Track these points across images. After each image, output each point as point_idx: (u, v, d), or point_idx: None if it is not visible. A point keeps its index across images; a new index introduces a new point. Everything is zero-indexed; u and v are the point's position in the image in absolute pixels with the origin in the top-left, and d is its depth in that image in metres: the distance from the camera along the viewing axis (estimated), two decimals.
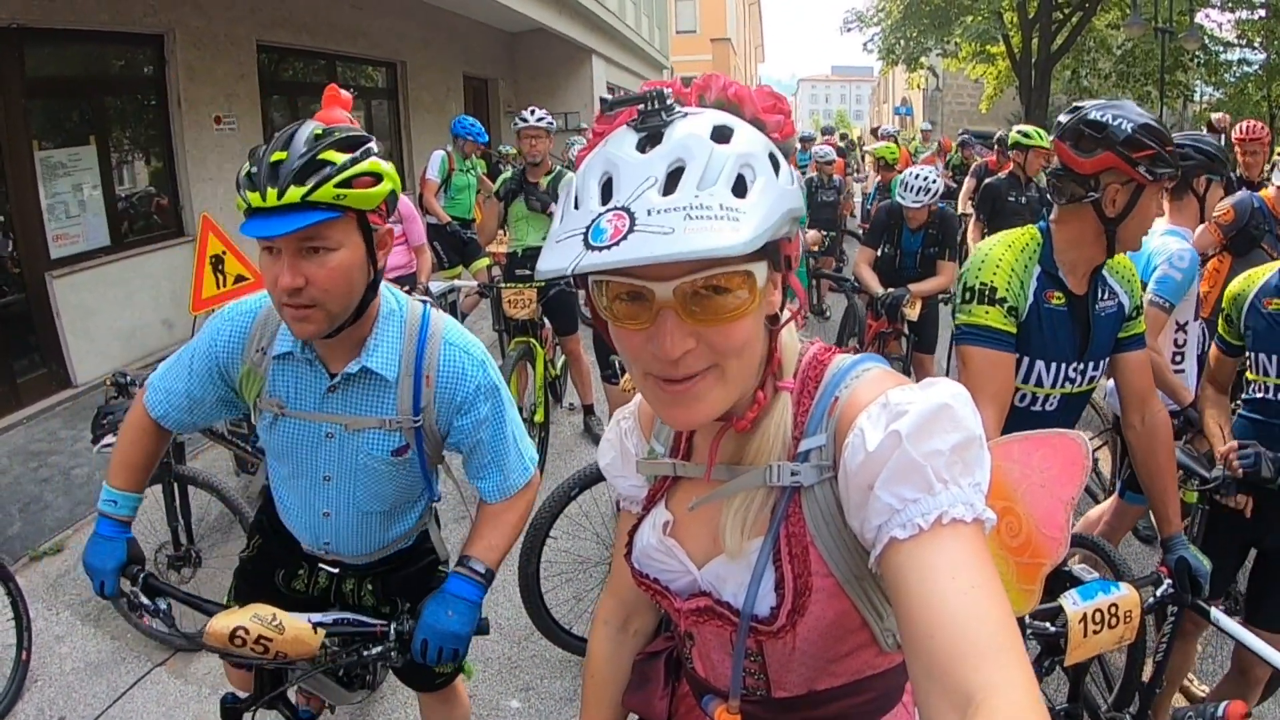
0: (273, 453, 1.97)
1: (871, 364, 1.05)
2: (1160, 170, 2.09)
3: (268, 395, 1.86)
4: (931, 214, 5.40)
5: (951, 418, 0.89)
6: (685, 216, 0.80)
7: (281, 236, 1.55)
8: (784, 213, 0.86)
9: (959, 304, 2.28)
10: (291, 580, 2.13)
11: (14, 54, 6.28)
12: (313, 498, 1.95)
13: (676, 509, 1.16)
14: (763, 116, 0.95)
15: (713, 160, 0.84)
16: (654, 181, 0.83)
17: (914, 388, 0.94)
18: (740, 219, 0.80)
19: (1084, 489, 1.36)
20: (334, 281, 1.62)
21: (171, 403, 1.96)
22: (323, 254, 1.60)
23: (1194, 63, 23.34)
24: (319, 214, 1.56)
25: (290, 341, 1.80)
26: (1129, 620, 1.88)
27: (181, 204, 8.07)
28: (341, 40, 10.80)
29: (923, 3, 25.09)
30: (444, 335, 1.87)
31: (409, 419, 1.84)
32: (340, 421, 1.84)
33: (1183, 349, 3.43)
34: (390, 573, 2.12)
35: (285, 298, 1.60)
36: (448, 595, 1.85)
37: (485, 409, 1.90)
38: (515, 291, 5.07)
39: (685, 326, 0.88)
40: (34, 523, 4.72)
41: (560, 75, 18.07)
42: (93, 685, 3.42)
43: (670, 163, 0.84)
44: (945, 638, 0.78)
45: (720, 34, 39.80)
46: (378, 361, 1.79)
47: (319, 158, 1.57)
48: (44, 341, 6.62)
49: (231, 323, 1.89)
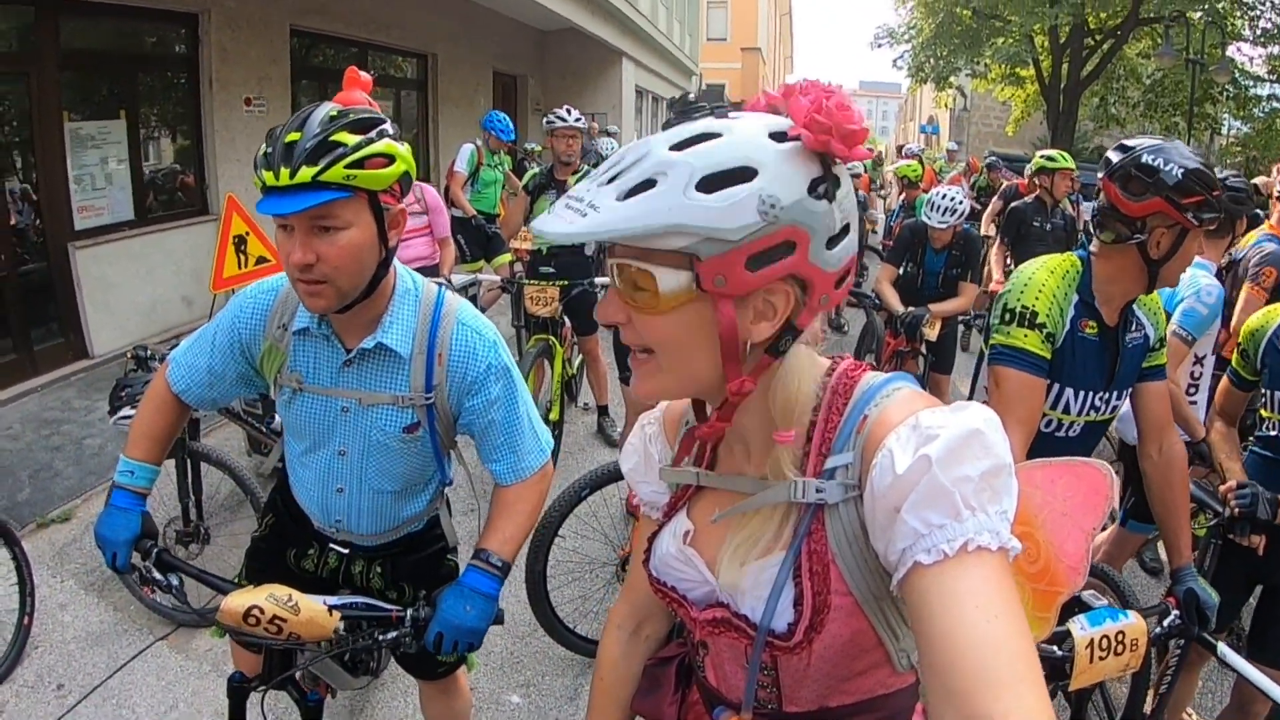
0: (290, 428, 2.00)
1: (902, 383, 1.03)
2: (1207, 216, 2.09)
3: (288, 370, 1.89)
4: (956, 235, 5.38)
5: (982, 444, 0.88)
6: (565, 204, 0.91)
7: (293, 214, 1.59)
8: (662, 224, 0.85)
9: (997, 324, 2.28)
10: (301, 560, 2.14)
11: (49, 26, 6.33)
12: (327, 473, 1.97)
13: (698, 518, 1.15)
14: (792, 131, 0.92)
15: (642, 161, 0.90)
16: (600, 175, 0.92)
17: (945, 410, 0.93)
18: (589, 214, 0.88)
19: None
20: (343, 259, 1.66)
21: (193, 378, 1.99)
22: (333, 232, 1.64)
23: (1223, 96, 23.24)
24: (329, 193, 1.60)
25: (308, 317, 1.84)
26: (1135, 648, 1.87)
27: (207, 183, 8.12)
28: (374, 29, 10.85)
29: (954, 22, 25.07)
30: (457, 315, 1.91)
31: (421, 396, 1.87)
32: (355, 396, 1.87)
33: (1198, 381, 3.43)
34: (399, 556, 2.13)
35: (297, 273, 1.65)
36: (465, 589, 1.84)
37: (496, 389, 1.92)
38: (538, 289, 5.08)
39: (618, 302, 0.97)
40: (43, 490, 4.75)
41: (590, 76, 18.09)
42: (93, 655, 3.43)
43: (620, 161, 0.92)
44: (966, 665, 0.78)
45: (751, 43, 39.75)
46: (392, 338, 1.82)
47: (331, 139, 1.60)
48: (63, 311, 6.67)
49: (255, 299, 1.93)
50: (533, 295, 5.08)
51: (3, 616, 3.39)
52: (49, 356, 6.53)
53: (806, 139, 0.90)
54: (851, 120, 0.90)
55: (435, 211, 5.48)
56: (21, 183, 6.39)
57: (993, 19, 23.88)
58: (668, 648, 1.38)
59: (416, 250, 5.40)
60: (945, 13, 25.09)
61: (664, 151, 0.89)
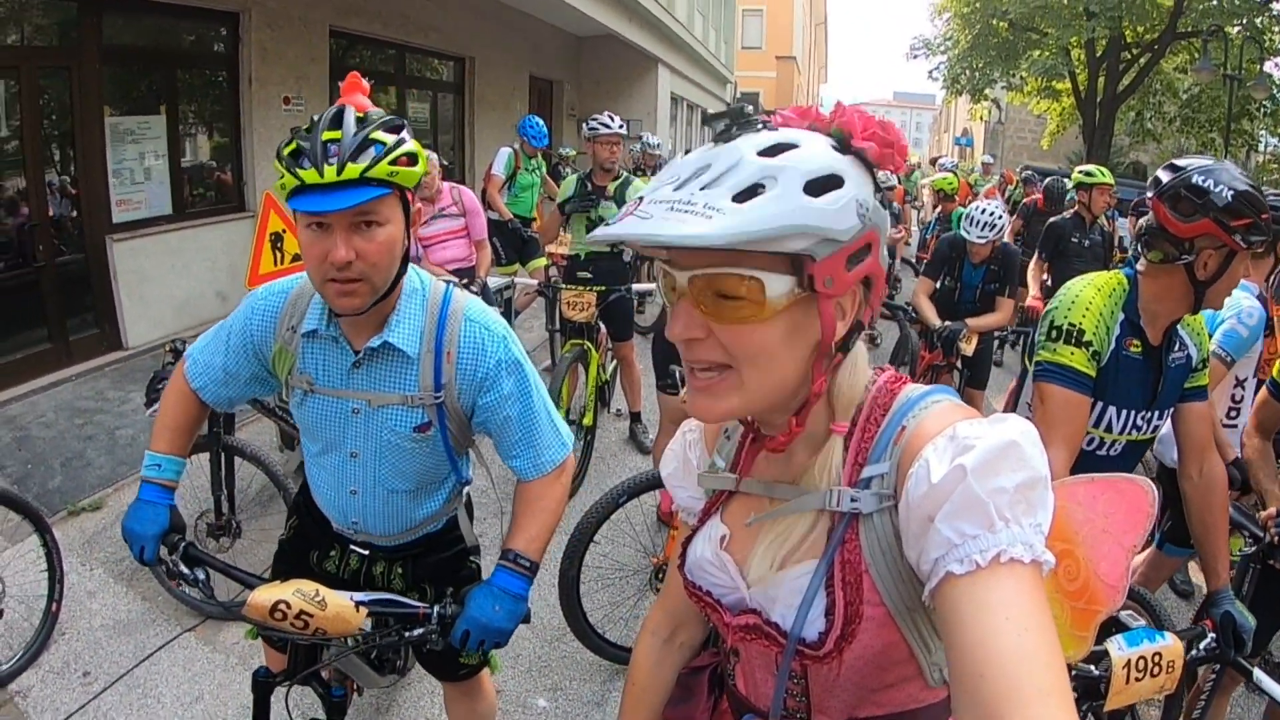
0: (304, 430, 2.00)
1: (942, 395, 1.04)
2: (1255, 239, 2.08)
3: (298, 372, 1.90)
4: (995, 249, 5.33)
5: (1019, 456, 0.87)
6: (669, 208, 0.85)
7: (337, 212, 1.60)
8: (790, 226, 0.85)
9: (1043, 340, 2.28)
10: (323, 561, 2.14)
11: (93, 21, 6.44)
12: (341, 475, 1.97)
13: (732, 524, 1.15)
14: (862, 143, 0.95)
15: (736, 168, 0.88)
16: (677, 178, 0.90)
17: (983, 422, 0.92)
18: (715, 217, 0.83)
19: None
20: (381, 255, 1.68)
21: (209, 375, 2.00)
22: (373, 228, 1.66)
23: (1260, 112, 22.95)
24: (375, 190, 1.62)
25: (316, 319, 1.85)
26: (1171, 671, 1.85)
27: (245, 180, 8.20)
28: (413, 32, 10.92)
29: (990, 34, 24.95)
30: (465, 312, 1.90)
31: (430, 395, 1.87)
32: (365, 397, 1.87)
33: (1239, 404, 3.38)
34: (420, 557, 2.13)
35: (335, 271, 1.64)
36: (495, 589, 1.84)
37: (509, 384, 1.91)
38: (575, 294, 5.07)
39: (695, 316, 0.93)
40: (75, 479, 4.81)
41: (625, 82, 18.12)
42: (120, 644, 3.46)
43: (698, 166, 0.90)
44: (994, 677, 0.77)
45: (786, 52, 39.73)
46: (399, 337, 1.83)
47: (371, 137, 1.63)
48: (99, 303, 6.76)
49: (265, 301, 1.93)
50: (569, 300, 5.07)
51: (31, 602, 3.43)
52: (84, 347, 6.62)
53: (873, 151, 0.94)
54: (900, 138, 0.97)
55: (472, 214, 5.50)
56: (61, 175, 6.49)
57: (1029, 31, 23.75)
58: (701, 656, 1.38)
59: (454, 252, 5.42)
60: (982, 24, 24.97)
61: (757, 157, 0.89)
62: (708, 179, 0.88)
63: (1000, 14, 24.06)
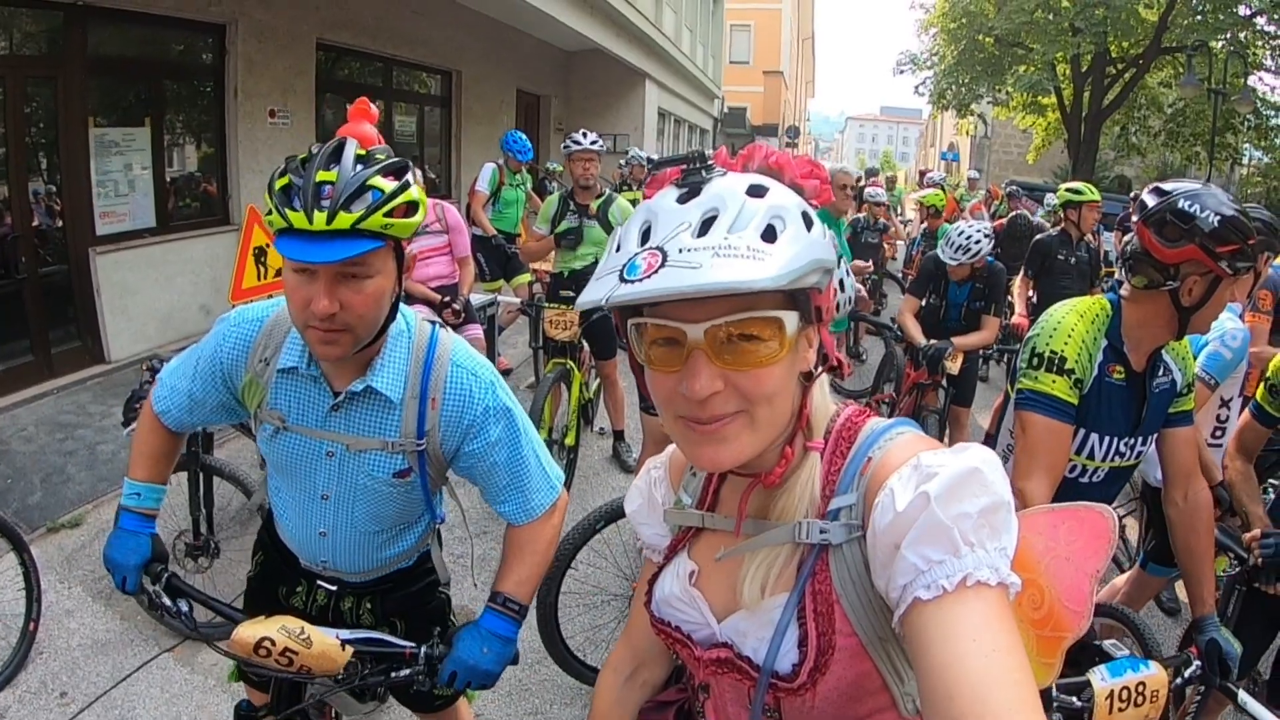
0: (273, 465, 1.93)
1: (905, 428, 1.06)
2: (1241, 265, 2.07)
3: (268, 407, 1.82)
4: (977, 270, 5.33)
5: (981, 482, 0.89)
6: (714, 254, 0.85)
7: (325, 264, 1.51)
8: (811, 261, 0.89)
9: (1025, 368, 2.27)
10: (290, 597, 2.07)
11: (78, 31, 6.41)
12: (310, 515, 1.89)
13: (700, 560, 1.15)
14: (800, 182, 1.01)
15: (745, 209, 0.90)
16: (688, 225, 0.90)
17: (946, 452, 0.94)
18: (766, 259, 0.85)
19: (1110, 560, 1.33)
20: (368, 307, 1.60)
21: (174, 400, 1.93)
22: (360, 280, 1.58)
23: (1244, 126, 23.16)
24: (367, 243, 1.53)
25: (296, 356, 1.76)
26: (1155, 700, 1.85)
27: (229, 193, 8.17)
28: (401, 45, 10.94)
29: (977, 49, 25.11)
30: (451, 357, 1.83)
31: (412, 441, 1.80)
32: (342, 441, 1.80)
33: (1224, 425, 3.39)
34: (389, 592, 2.06)
35: (316, 321, 1.56)
36: (483, 631, 1.81)
37: (496, 431, 1.85)
38: (558, 312, 5.06)
39: (714, 369, 0.92)
40: (55, 494, 4.76)
41: (613, 97, 18.19)
42: (98, 664, 3.42)
43: (705, 211, 0.91)
44: (965, 700, 0.78)
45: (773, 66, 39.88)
46: (383, 382, 1.75)
47: (369, 183, 1.54)
48: (82, 315, 6.71)
49: (237, 329, 1.85)
50: (552, 319, 5.06)
51: (8, 621, 3.40)
52: (66, 360, 6.57)
53: (819, 191, 1.02)
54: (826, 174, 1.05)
55: (456, 230, 5.48)
56: (45, 185, 6.45)
57: (1015, 47, 23.91)
58: (666, 692, 1.38)
59: (436, 269, 5.41)
60: (968, 40, 25.13)
61: (752, 198, 0.92)
62: (729, 222, 0.89)
63: (986, 30, 24.22)
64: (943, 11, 25.98)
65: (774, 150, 1.03)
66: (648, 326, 0.94)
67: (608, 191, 5.49)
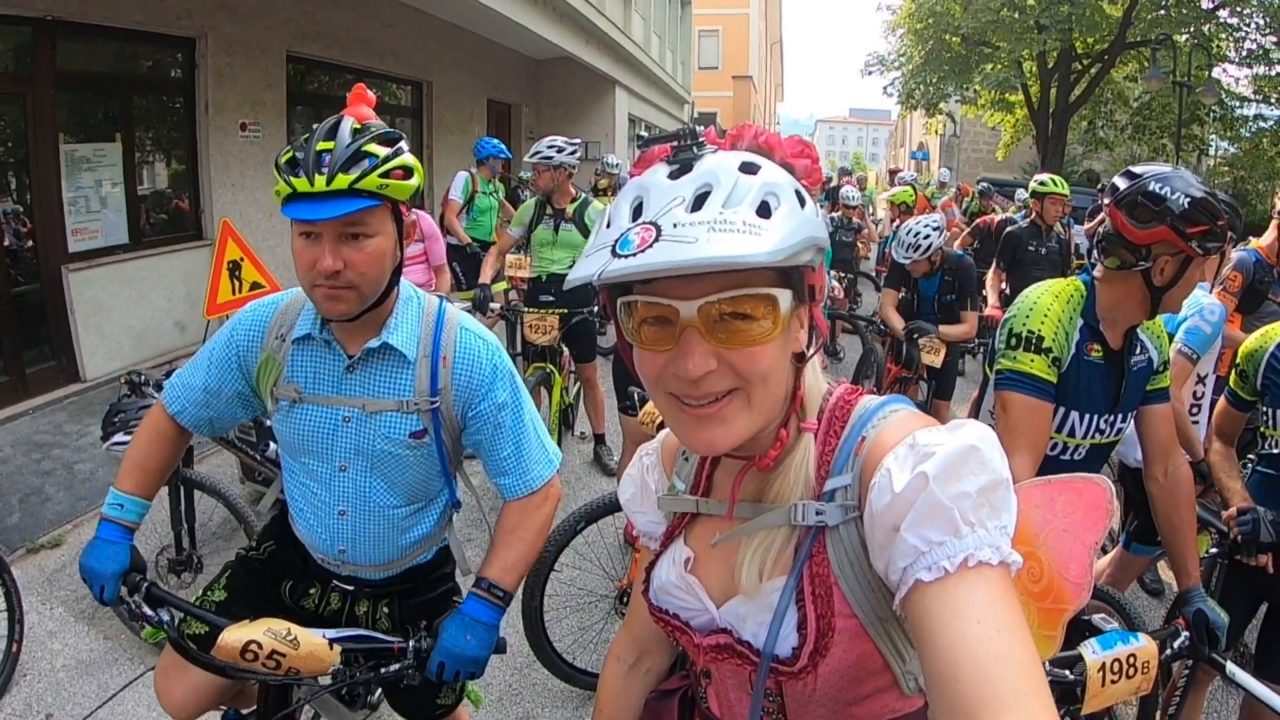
0: (288, 446, 1.97)
1: (899, 405, 1.05)
2: (1211, 245, 2.11)
3: (285, 381, 1.89)
4: (944, 261, 5.38)
5: (979, 460, 0.88)
6: (709, 229, 0.83)
7: (325, 221, 1.64)
8: (806, 238, 0.87)
9: (1003, 349, 2.30)
10: (301, 599, 2.08)
11: (46, 46, 6.35)
12: (329, 492, 1.93)
13: (696, 545, 1.15)
14: (791, 161, 1.00)
15: (739, 185, 0.89)
16: (682, 200, 0.88)
17: (942, 429, 0.93)
18: (762, 234, 0.84)
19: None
20: (370, 265, 1.71)
21: (189, 397, 1.98)
22: (361, 239, 1.70)
23: (1210, 117, 23.49)
24: (363, 201, 1.66)
25: (309, 324, 1.86)
26: (1147, 671, 1.87)
27: (202, 208, 8.11)
28: (370, 57, 10.90)
29: (944, 49, 25.30)
30: (460, 321, 1.94)
31: (426, 400, 1.87)
32: (358, 404, 1.86)
33: (1200, 400, 3.46)
34: (407, 594, 2.09)
35: (323, 279, 1.68)
36: (467, 618, 1.82)
37: (503, 393, 1.93)
38: (538, 317, 5.05)
39: (707, 347, 0.90)
40: (33, 515, 4.70)
41: (583, 104, 18.18)
42: (83, 684, 3.38)
43: (698, 186, 0.89)
44: (969, 682, 0.78)
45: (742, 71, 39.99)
46: (399, 339, 1.85)
47: (364, 149, 1.67)
48: (56, 334, 6.63)
49: (254, 311, 1.95)
50: (532, 323, 5.05)
51: None
52: (41, 379, 6.50)
53: (810, 171, 1.01)
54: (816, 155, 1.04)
55: (431, 239, 5.47)
56: (15, 204, 6.39)
57: (982, 46, 24.10)
58: (669, 681, 1.37)
59: (413, 277, 5.37)
60: (935, 40, 25.31)
61: (745, 175, 0.90)
62: (724, 197, 0.87)
63: (953, 29, 24.40)
64: (909, 12, 26.17)
65: (764, 130, 1.02)
66: (638, 305, 0.93)
67: (583, 195, 5.48)
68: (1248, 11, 21.63)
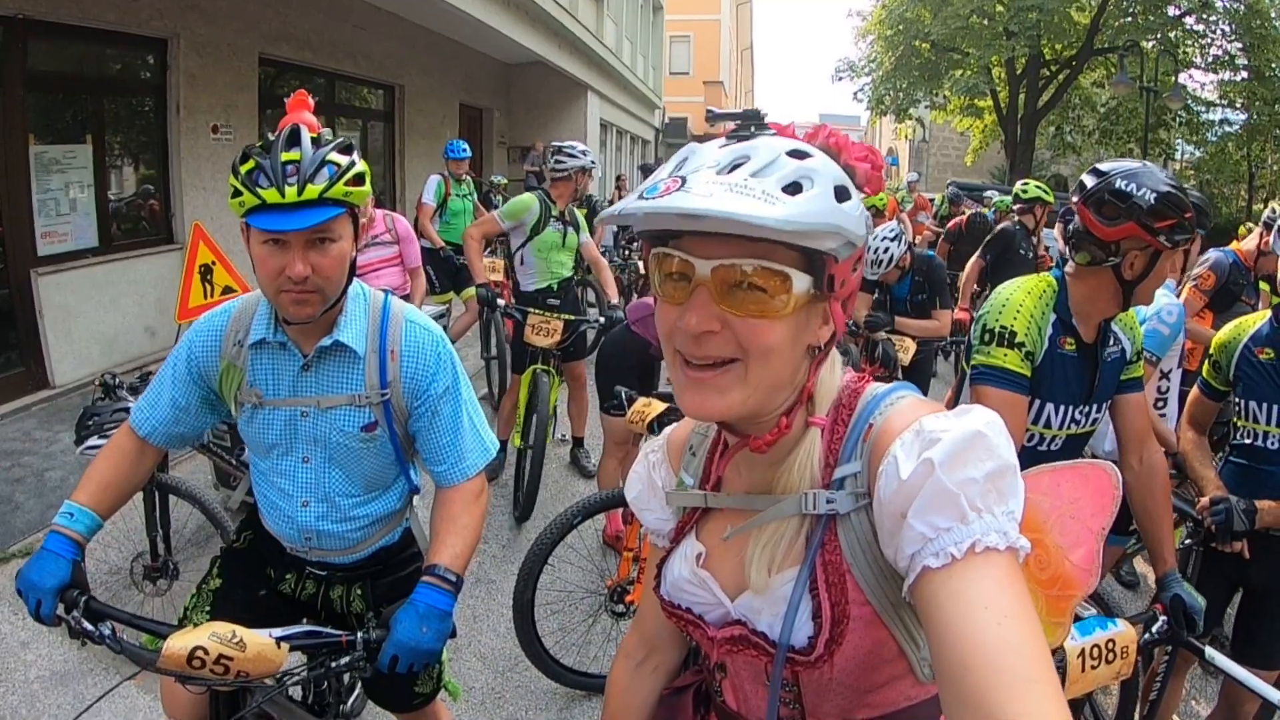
0: (254, 445, 2.01)
1: (905, 391, 1.05)
2: (1179, 238, 2.16)
3: (247, 386, 1.94)
4: (904, 269, 5.40)
5: (985, 446, 0.88)
6: (729, 189, 0.86)
7: (298, 231, 1.69)
8: (831, 224, 0.88)
9: (977, 345, 2.33)
10: (279, 584, 2.12)
11: (17, 45, 6.26)
12: (293, 487, 1.98)
13: (708, 540, 1.15)
14: (854, 164, 1.00)
15: (776, 162, 0.90)
16: (717, 164, 0.91)
17: (948, 415, 0.94)
18: (777, 204, 0.85)
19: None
20: (334, 269, 1.78)
21: (157, 416, 2.00)
22: (327, 244, 1.76)
23: (1176, 122, 23.86)
24: (332, 210, 1.73)
25: (264, 328, 1.90)
26: (1126, 656, 1.90)
27: (173, 211, 8.02)
28: (343, 59, 10.85)
29: (913, 55, 25.57)
30: (405, 315, 2.00)
31: (376, 393, 1.93)
32: (313, 402, 1.92)
33: (1165, 395, 3.55)
34: (378, 575, 2.13)
35: (291, 285, 1.73)
36: (420, 607, 1.80)
37: (445, 380, 1.98)
38: (543, 319, 5.02)
39: (714, 309, 0.92)
40: (4, 523, 4.61)
41: (554, 109, 18.20)
42: (58, 695, 3.32)
43: (737, 156, 0.92)
44: (978, 668, 0.78)
45: (713, 77, 40.04)
46: (349, 336, 1.90)
47: (327, 159, 1.73)
48: (24, 339, 6.52)
49: (208, 321, 1.99)
50: (536, 324, 5.01)
51: None
52: (9, 386, 6.38)
53: (864, 172, 1.01)
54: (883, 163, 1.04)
55: (406, 241, 5.44)
56: None
57: (951, 52, 24.38)
58: (683, 676, 1.37)
59: (388, 280, 5.35)
60: (904, 46, 25.57)
61: (790, 158, 0.92)
62: (754, 168, 0.89)
63: (922, 36, 24.67)
64: (880, 19, 26.43)
65: (838, 131, 1.03)
66: (665, 257, 0.95)
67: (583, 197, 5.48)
68: (1214, 18, 22.05)
